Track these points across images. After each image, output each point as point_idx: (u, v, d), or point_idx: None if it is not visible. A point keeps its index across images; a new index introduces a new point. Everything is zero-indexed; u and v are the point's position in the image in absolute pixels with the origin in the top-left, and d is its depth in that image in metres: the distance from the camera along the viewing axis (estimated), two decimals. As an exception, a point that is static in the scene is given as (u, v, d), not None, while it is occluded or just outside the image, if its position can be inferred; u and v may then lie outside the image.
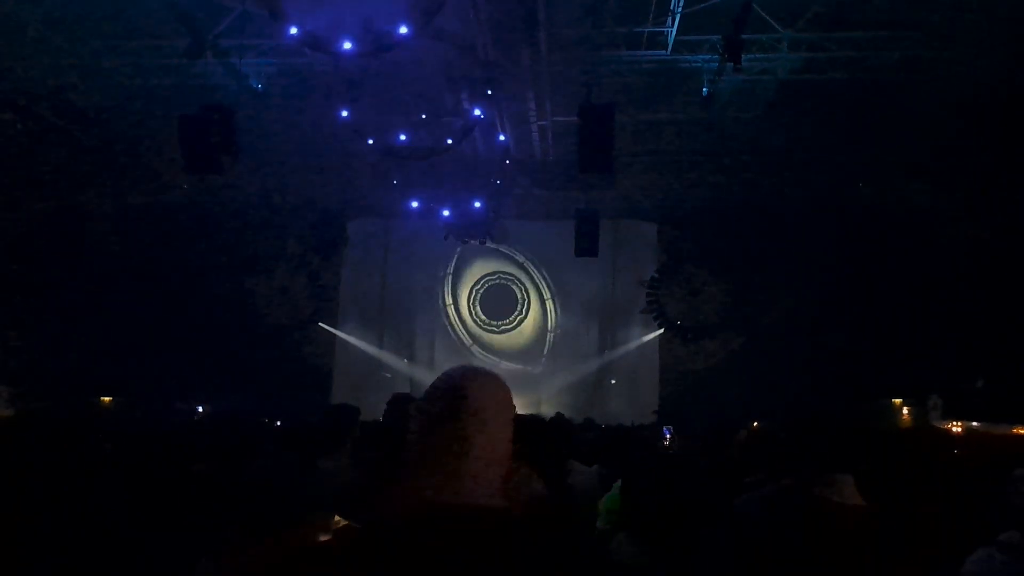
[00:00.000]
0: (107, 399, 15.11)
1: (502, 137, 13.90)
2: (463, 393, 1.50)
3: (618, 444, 4.71)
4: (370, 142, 11.88)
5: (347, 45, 7.74)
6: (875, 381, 14.82)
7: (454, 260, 19.26)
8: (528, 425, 3.36)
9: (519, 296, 19.51)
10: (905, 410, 14.50)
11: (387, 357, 19.42)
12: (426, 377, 19.11)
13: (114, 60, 12.10)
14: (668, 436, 9.25)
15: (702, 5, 10.50)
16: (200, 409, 12.09)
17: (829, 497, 2.04)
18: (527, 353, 19.10)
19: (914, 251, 14.61)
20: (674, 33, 11.28)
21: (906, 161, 14.18)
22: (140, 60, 12.11)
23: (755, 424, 11.78)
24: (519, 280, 19.54)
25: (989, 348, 13.20)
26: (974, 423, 10.81)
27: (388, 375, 19.26)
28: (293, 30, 7.51)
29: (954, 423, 11.44)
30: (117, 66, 12.22)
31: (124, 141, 13.91)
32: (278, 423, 10.60)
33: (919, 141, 13.43)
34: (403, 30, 7.82)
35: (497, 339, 19.47)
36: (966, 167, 13.48)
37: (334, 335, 19.09)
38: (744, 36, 10.42)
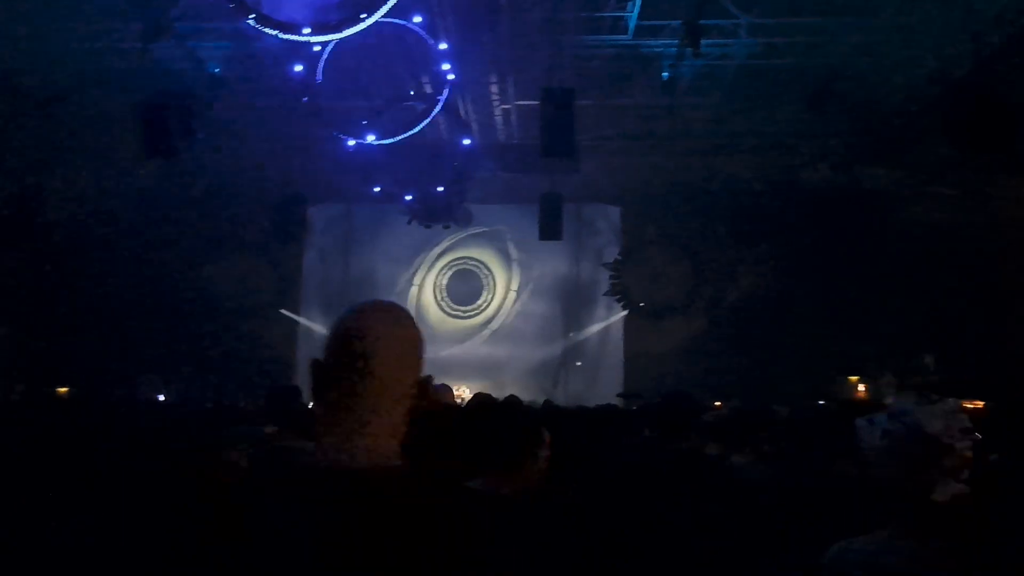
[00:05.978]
0: (63, 389, 14.84)
1: (465, 121, 13.88)
2: (351, 336, 1.31)
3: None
4: (331, 127, 11.75)
5: (306, 31, 7.67)
6: (832, 359, 15.20)
7: (418, 244, 19.17)
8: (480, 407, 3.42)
9: (484, 281, 19.55)
10: (860, 387, 14.90)
11: (351, 344, 19.30)
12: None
13: (69, 44, 11.79)
14: None
15: (662, -10, 10.59)
16: (161, 398, 11.96)
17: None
18: (491, 334, 19.18)
19: (869, 232, 14.95)
20: (635, 18, 11.35)
21: (861, 144, 14.49)
22: (95, 44, 11.81)
23: (717, 404, 12.04)
24: (484, 265, 19.57)
25: (939, 326, 13.61)
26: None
27: (352, 361, 19.17)
28: (251, 18, 7.41)
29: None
30: (72, 50, 11.91)
31: (79, 126, 13.59)
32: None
33: (874, 124, 13.75)
34: (363, 15, 7.76)
35: (462, 324, 19.50)
36: (918, 149, 13.83)
37: (296, 322, 18.95)
38: (703, 21, 10.54)
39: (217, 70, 12.25)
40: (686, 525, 2.00)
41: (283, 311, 18.61)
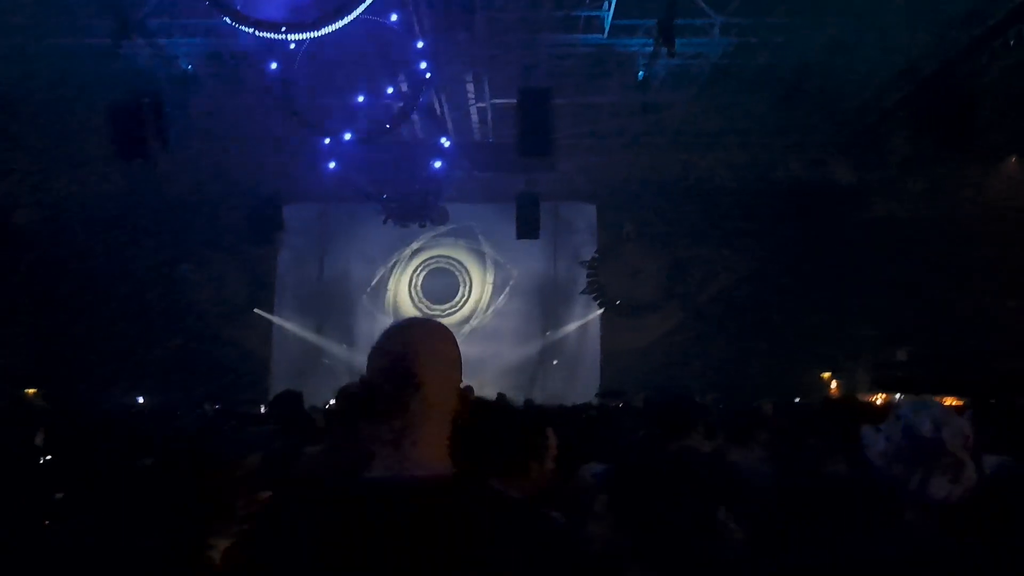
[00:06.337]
0: (31, 391, 14.61)
1: (441, 120, 13.84)
2: (398, 355, 1.37)
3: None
4: (307, 126, 11.65)
5: (283, 29, 7.61)
6: (807, 354, 15.41)
7: (393, 244, 19.10)
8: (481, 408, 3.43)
9: (460, 280, 19.53)
10: (833, 383, 15.12)
11: (326, 343, 19.24)
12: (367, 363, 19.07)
13: (38, 43, 11.56)
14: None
15: (637, -11, 10.63)
16: (140, 401, 11.80)
17: None
18: (468, 333, 19.18)
19: (841, 227, 15.18)
20: (610, 17, 11.39)
21: (833, 140, 14.70)
22: (63, 42, 11.59)
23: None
24: (460, 264, 19.55)
25: (911, 320, 13.85)
26: (897, 395, 11.37)
27: (327, 361, 19.11)
28: (227, 15, 7.33)
29: (879, 395, 11.99)
30: (41, 49, 11.67)
31: (48, 127, 13.34)
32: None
33: (845, 121, 13.95)
34: (340, 13, 7.71)
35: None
36: (889, 145, 14.06)
37: (271, 322, 18.80)
38: (678, 21, 10.60)
39: (190, 68, 12.08)
40: (693, 524, 2.03)
41: (257, 311, 18.46)
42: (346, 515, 1.23)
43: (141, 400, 11.86)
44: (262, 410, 10.59)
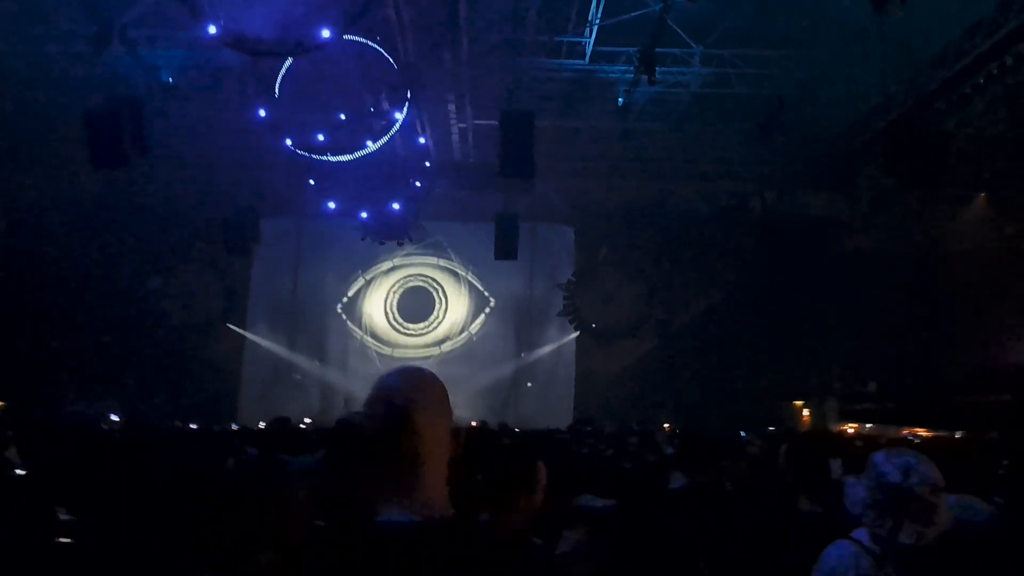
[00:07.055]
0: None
1: (422, 139, 13.88)
2: (403, 413, 1.44)
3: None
4: (288, 142, 11.61)
5: (268, 46, 7.60)
6: (778, 383, 15.54)
7: (368, 260, 19.04)
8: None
9: (436, 299, 19.49)
10: (805, 412, 15.25)
11: (298, 359, 19.07)
12: (339, 380, 18.93)
13: (14, 47, 11.44)
14: None
15: (620, 18, 10.78)
16: (114, 418, 11.56)
17: None
18: (442, 353, 19.11)
19: (813, 259, 15.39)
20: (592, 44, 11.54)
21: (806, 172, 14.95)
22: (42, 48, 11.48)
23: (666, 426, 12.21)
24: (437, 283, 19.52)
25: (881, 352, 14.05)
26: (867, 425, 11.53)
27: (299, 377, 18.95)
28: (212, 29, 7.30)
29: (849, 425, 12.13)
30: (17, 54, 11.55)
31: (23, 133, 13.16)
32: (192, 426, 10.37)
33: (818, 154, 14.22)
34: (325, 33, 7.73)
35: (412, 341, 19.39)
36: (860, 180, 14.34)
37: (243, 336, 18.60)
38: (659, 50, 10.78)
39: (169, 79, 12.01)
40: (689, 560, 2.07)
41: (229, 325, 18.26)
42: (365, 556, 1.33)
43: (115, 418, 11.61)
44: (233, 427, 10.46)
